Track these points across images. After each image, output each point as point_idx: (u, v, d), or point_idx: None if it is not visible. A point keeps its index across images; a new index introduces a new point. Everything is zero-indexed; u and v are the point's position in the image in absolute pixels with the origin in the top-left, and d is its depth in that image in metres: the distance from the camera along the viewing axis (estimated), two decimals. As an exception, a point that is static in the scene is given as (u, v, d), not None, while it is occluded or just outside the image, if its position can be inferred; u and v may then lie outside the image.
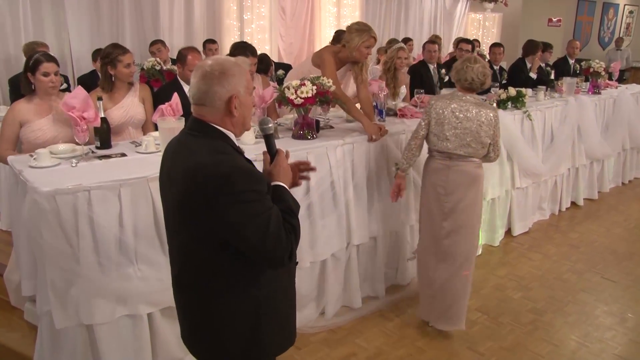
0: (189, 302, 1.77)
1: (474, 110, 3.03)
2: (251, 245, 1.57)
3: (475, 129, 3.02)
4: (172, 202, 1.67)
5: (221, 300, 1.68)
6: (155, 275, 2.59)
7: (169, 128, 2.87)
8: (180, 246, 1.72)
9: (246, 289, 1.68)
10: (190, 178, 1.55)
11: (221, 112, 1.62)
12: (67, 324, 2.46)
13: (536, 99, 5.14)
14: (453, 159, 3.07)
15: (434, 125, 3.08)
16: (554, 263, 4.36)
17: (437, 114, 3.07)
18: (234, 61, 1.65)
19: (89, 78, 4.98)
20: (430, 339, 3.28)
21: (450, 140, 3.04)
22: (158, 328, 2.72)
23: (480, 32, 10.73)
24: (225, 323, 1.71)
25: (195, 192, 1.54)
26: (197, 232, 1.61)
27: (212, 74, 1.59)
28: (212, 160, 1.55)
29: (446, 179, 3.08)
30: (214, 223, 1.56)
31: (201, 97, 1.61)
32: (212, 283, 1.67)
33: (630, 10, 13.63)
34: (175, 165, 1.64)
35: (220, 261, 1.64)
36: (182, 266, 1.74)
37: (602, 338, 3.33)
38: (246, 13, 7.14)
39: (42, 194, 2.32)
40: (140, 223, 2.54)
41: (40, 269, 2.49)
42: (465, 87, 3.07)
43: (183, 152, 1.63)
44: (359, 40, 3.47)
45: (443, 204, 3.11)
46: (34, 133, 3.13)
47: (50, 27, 5.61)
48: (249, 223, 1.54)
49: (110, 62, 3.40)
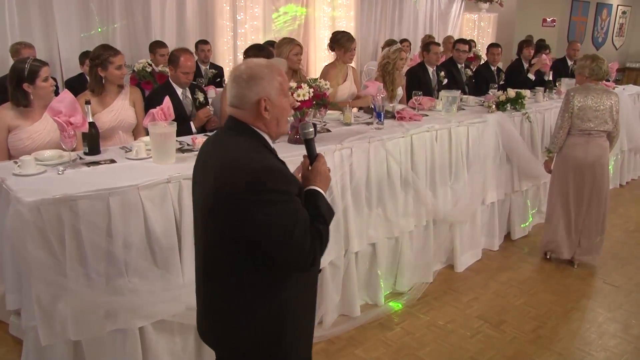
0: (213, 299, 1.73)
1: (604, 95, 4.00)
2: (274, 246, 1.57)
3: (609, 110, 3.98)
4: (202, 198, 1.68)
5: (248, 300, 1.66)
6: (147, 288, 2.49)
7: (161, 133, 2.77)
8: (208, 243, 1.69)
9: (273, 292, 1.67)
10: (222, 174, 1.57)
11: (253, 114, 1.65)
12: (54, 341, 2.35)
13: (535, 100, 5.07)
14: (592, 135, 4.00)
15: (577, 111, 3.96)
16: (555, 268, 4.28)
17: (580, 103, 3.96)
18: (265, 64, 1.67)
19: (76, 81, 4.85)
20: (431, 348, 3.19)
21: (592, 121, 3.96)
22: (150, 342, 2.61)
23: (475, 33, 10.67)
24: (253, 329, 1.69)
25: (225, 188, 1.55)
26: (226, 230, 1.60)
27: (241, 78, 1.64)
28: (245, 157, 1.58)
29: (586, 150, 4.00)
30: (241, 221, 1.55)
31: (233, 100, 1.67)
32: (238, 281, 1.65)
33: (624, 11, 13.64)
34: (209, 162, 1.67)
35: (247, 261, 1.62)
36: (208, 262, 1.72)
37: (607, 346, 3.25)
38: (239, 13, 7.02)
39: (25, 205, 2.20)
40: (130, 234, 2.43)
41: (25, 283, 2.38)
42: (598, 78, 4.02)
43: (218, 150, 1.68)
44: (287, 50, 4.00)
45: (584, 170, 4.02)
46: (22, 141, 3.00)
47: (38, 27, 5.44)
48: (274, 223, 1.54)
49: (100, 64, 3.29)
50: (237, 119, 1.68)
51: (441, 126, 3.86)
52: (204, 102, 3.94)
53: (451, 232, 4.06)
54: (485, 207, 4.41)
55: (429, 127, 3.76)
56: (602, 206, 4.11)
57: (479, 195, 4.18)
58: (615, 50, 13.59)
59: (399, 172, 3.55)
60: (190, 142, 3.10)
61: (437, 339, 3.28)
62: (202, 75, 5.72)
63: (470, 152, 4.10)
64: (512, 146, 4.44)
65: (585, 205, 4.10)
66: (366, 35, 8.77)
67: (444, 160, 3.91)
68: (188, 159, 2.87)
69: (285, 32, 7.33)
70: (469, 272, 4.16)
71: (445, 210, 3.90)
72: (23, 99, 2.96)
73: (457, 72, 5.83)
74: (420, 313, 3.56)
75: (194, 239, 1.84)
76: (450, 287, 3.91)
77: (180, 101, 3.75)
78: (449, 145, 3.93)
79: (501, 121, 4.33)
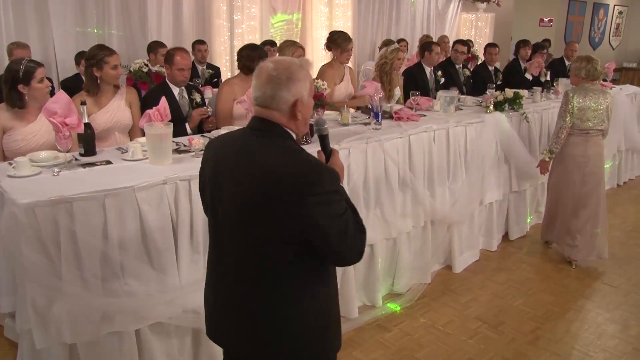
0: (253, 302, 1.68)
1: (601, 95, 4.10)
2: (332, 244, 1.58)
3: (605, 109, 4.08)
4: (239, 202, 1.62)
5: (299, 301, 1.67)
6: (143, 290, 2.47)
7: (157, 134, 2.75)
8: (248, 247, 1.65)
9: (320, 290, 1.70)
10: (271, 178, 1.54)
11: (287, 115, 1.63)
12: (49, 344, 2.32)
13: (533, 100, 5.06)
14: (590, 134, 4.08)
15: (577, 112, 4.03)
16: (553, 268, 4.27)
17: (579, 103, 4.04)
18: (299, 64, 1.65)
19: (72, 81, 4.82)
20: (429, 350, 3.18)
21: (591, 121, 4.05)
22: (147, 345, 2.59)
23: (472, 32, 10.66)
24: (299, 326, 1.69)
25: (278, 192, 1.53)
26: (277, 232, 1.58)
27: (279, 79, 1.59)
28: (295, 160, 1.58)
29: (585, 149, 4.09)
30: (298, 223, 1.54)
31: (267, 101, 1.62)
32: (290, 284, 1.65)
33: (620, 11, 13.66)
34: (241, 165, 1.62)
35: (299, 261, 1.63)
36: (247, 265, 1.67)
37: (606, 347, 3.24)
38: (236, 13, 6.98)
39: (20, 207, 2.17)
40: (126, 236, 2.41)
41: (20, 285, 2.35)
42: (594, 78, 4.11)
43: (252, 152, 1.62)
44: (289, 52, 4.08)
45: (584, 167, 4.11)
46: (17, 143, 2.98)
47: (33, 28, 5.40)
48: (332, 223, 1.56)
49: (96, 64, 3.26)
50: (269, 119, 1.63)
51: (439, 126, 3.84)
52: (201, 103, 3.92)
53: (449, 232, 4.04)
54: (484, 207, 4.40)
55: (427, 127, 3.75)
56: (600, 202, 4.20)
57: (477, 195, 4.17)
58: (612, 50, 13.62)
59: (397, 173, 3.54)
60: (187, 143, 3.08)
61: (436, 340, 3.26)
62: (199, 76, 5.71)
63: (468, 153, 4.09)
64: (510, 146, 4.43)
65: (583, 201, 4.17)
66: (363, 35, 8.74)
67: (441, 160, 3.89)
68: (184, 160, 2.85)
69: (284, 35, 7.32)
70: (467, 273, 4.15)
71: (443, 211, 3.89)
72: (18, 100, 2.93)
73: (455, 72, 5.82)
74: (419, 314, 3.54)
75: (214, 244, 1.78)
76: (449, 288, 3.90)
77: (176, 101, 3.73)
78: (447, 145, 3.92)
79: (499, 121, 4.31)
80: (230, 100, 3.87)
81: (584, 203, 4.17)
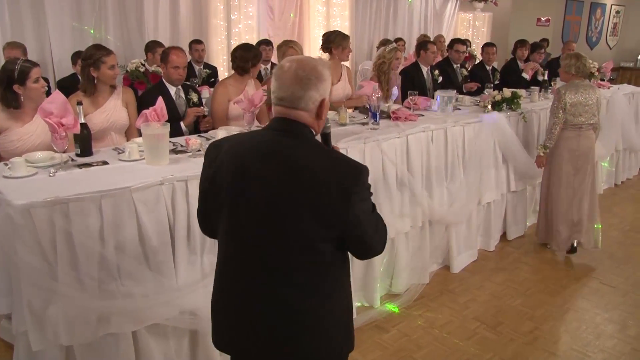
0: (287, 305, 1.64)
1: (591, 91, 4.22)
2: (367, 238, 1.63)
3: (596, 104, 4.22)
4: (271, 203, 1.59)
5: (331, 299, 1.68)
6: (140, 291, 2.45)
7: (153, 134, 2.73)
8: (286, 248, 1.61)
9: (346, 286, 1.75)
10: (315, 179, 1.56)
11: (313, 114, 1.64)
12: (45, 346, 2.30)
13: (530, 100, 5.06)
14: (582, 128, 4.22)
15: (569, 108, 4.14)
16: (551, 268, 4.27)
17: (571, 99, 4.14)
18: (323, 64, 1.65)
19: (69, 81, 4.80)
20: (428, 350, 3.17)
21: (583, 116, 4.17)
22: (144, 346, 2.57)
23: (470, 32, 10.67)
24: (330, 324, 1.69)
25: (322, 191, 1.54)
26: (317, 231, 1.58)
27: (309, 79, 1.59)
28: (336, 159, 1.62)
29: (578, 143, 4.22)
30: (340, 220, 1.57)
31: (295, 101, 1.61)
32: (326, 282, 1.66)
33: (617, 10, 13.67)
34: (276, 167, 1.59)
35: (334, 258, 1.65)
36: (286, 266, 1.62)
37: (604, 347, 3.24)
38: (233, 13, 6.96)
39: (15, 208, 2.15)
40: (123, 237, 2.39)
41: (16, 288, 2.32)
42: (584, 75, 4.25)
43: (287, 154, 1.60)
44: (280, 52, 4.26)
45: (576, 160, 4.24)
46: (13, 143, 2.96)
47: (30, 26, 5.37)
48: (368, 217, 1.62)
49: (93, 64, 3.24)
50: (295, 120, 1.62)
51: (437, 126, 3.84)
52: (198, 103, 3.90)
53: (447, 232, 4.04)
54: (482, 207, 4.40)
55: (425, 127, 3.74)
56: (593, 193, 4.38)
57: (475, 195, 4.16)
58: (609, 49, 13.63)
59: (395, 173, 3.52)
60: (183, 143, 3.06)
61: (434, 341, 3.25)
62: (196, 75, 5.68)
63: (466, 152, 4.08)
64: (508, 146, 4.43)
65: (577, 193, 4.30)
66: (361, 35, 8.73)
67: (439, 160, 3.88)
68: (181, 161, 2.83)
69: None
70: (465, 273, 4.15)
71: (441, 211, 3.88)
72: (13, 100, 2.91)
73: (453, 72, 5.81)
74: (417, 315, 3.53)
75: (234, 250, 1.69)
76: (447, 288, 3.89)
77: (173, 101, 3.72)
78: (445, 145, 3.91)
79: (497, 121, 4.31)
80: (225, 101, 3.86)
81: (579, 194, 4.29)
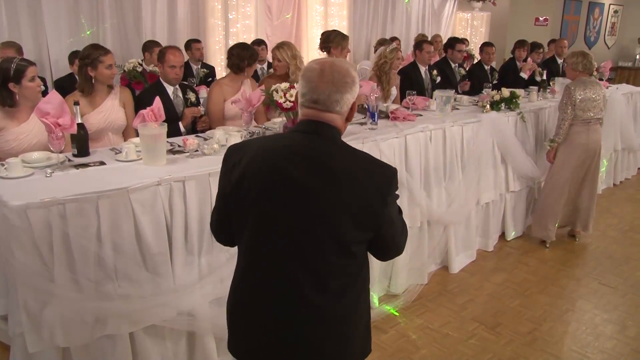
0: (319, 311, 1.60)
1: (597, 87, 4.39)
2: (396, 239, 1.68)
3: (603, 99, 4.40)
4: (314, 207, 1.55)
5: (360, 300, 1.70)
6: (137, 293, 2.44)
7: (151, 134, 2.72)
8: (326, 252, 1.57)
9: (368, 285, 1.75)
10: (355, 182, 1.56)
11: (343, 117, 1.65)
12: (41, 348, 2.29)
13: (529, 100, 5.05)
14: (590, 123, 4.37)
15: (579, 103, 4.28)
16: (550, 268, 4.26)
17: (581, 95, 4.28)
18: (350, 67, 1.64)
19: (66, 81, 4.78)
20: (426, 351, 3.16)
21: (592, 111, 4.33)
22: (141, 348, 2.56)
23: (468, 32, 10.66)
24: (354, 325, 1.69)
25: (362, 195, 1.56)
26: (355, 234, 1.58)
27: (345, 82, 1.59)
28: (370, 162, 1.64)
29: (587, 137, 4.38)
30: (376, 222, 1.59)
31: (331, 104, 1.60)
32: (356, 284, 1.67)
33: (615, 10, 13.68)
34: (306, 169, 1.56)
35: (364, 260, 1.67)
36: (322, 272, 1.59)
37: (604, 348, 3.23)
38: (231, 12, 6.95)
39: (12, 209, 2.14)
40: (120, 238, 2.37)
41: (12, 289, 2.31)
42: (590, 72, 4.40)
43: (326, 158, 1.59)
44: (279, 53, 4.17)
45: (586, 153, 4.42)
46: (9, 143, 2.94)
47: (27, 26, 5.35)
48: (398, 218, 1.67)
49: (90, 64, 3.23)
50: (326, 122, 1.60)
51: (435, 126, 3.82)
52: (196, 102, 3.89)
53: (446, 233, 4.03)
54: (480, 207, 4.39)
55: (423, 127, 3.72)
56: (595, 184, 4.66)
57: (473, 195, 4.15)
58: (607, 49, 13.63)
59: (394, 173, 3.51)
60: (181, 143, 3.05)
61: (432, 342, 3.24)
62: (194, 75, 5.67)
63: (464, 153, 4.07)
64: (507, 146, 4.42)
65: (581, 184, 4.56)
66: (358, 35, 8.72)
67: (438, 160, 3.87)
68: (179, 161, 2.82)
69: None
70: (463, 274, 4.14)
71: (439, 212, 3.87)
72: (9, 98, 2.89)
73: (451, 72, 5.80)
74: (415, 315, 3.52)
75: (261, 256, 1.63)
76: (445, 289, 3.88)
77: (170, 101, 3.70)
78: (443, 145, 3.90)
79: (495, 121, 4.30)
80: (220, 101, 3.85)
81: (583, 184, 4.54)
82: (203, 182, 2.61)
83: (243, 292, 1.69)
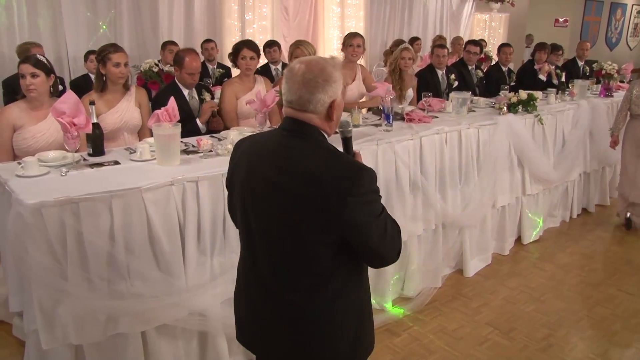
0: (293, 308, 1.67)
1: None
2: (371, 244, 1.59)
3: None
4: (273, 204, 1.61)
5: (336, 302, 1.66)
6: (149, 292, 2.45)
7: (165, 134, 2.73)
8: (285, 249, 1.63)
9: (355, 290, 1.71)
10: (313, 180, 1.54)
11: (323, 116, 1.63)
12: (55, 345, 2.32)
13: (547, 102, 4.98)
14: None
15: (635, 99, 4.77)
16: (566, 273, 4.19)
17: (637, 92, 4.76)
18: (333, 65, 1.63)
19: (81, 81, 4.83)
20: (439, 355, 3.13)
21: None
22: (153, 347, 2.58)
23: (486, 33, 10.56)
24: (336, 327, 1.68)
25: (319, 193, 1.53)
26: (314, 234, 1.58)
27: (316, 82, 1.58)
28: (336, 161, 1.58)
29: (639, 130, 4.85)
30: (337, 224, 1.54)
31: (304, 104, 1.60)
32: (329, 286, 1.64)
33: (639, 11, 13.45)
34: (278, 167, 1.61)
35: (337, 263, 1.63)
36: (285, 268, 1.65)
37: (622, 357, 3.17)
38: (247, 13, 6.98)
39: (26, 207, 2.17)
40: (133, 237, 2.39)
41: (27, 287, 2.34)
42: None
43: (289, 154, 1.61)
44: (289, 54, 4.23)
45: (637, 146, 4.84)
46: (26, 141, 2.98)
47: (46, 27, 5.44)
48: (372, 223, 1.57)
49: (101, 60, 3.26)
50: (304, 121, 1.61)
51: (451, 128, 3.79)
52: (212, 103, 3.90)
53: (460, 236, 3.99)
54: (496, 210, 4.33)
55: (439, 129, 3.69)
56: None
57: (489, 198, 4.10)
58: (629, 50, 13.43)
59: (408, 175, 3.49)
60: (195, 143, 3.06)
61: (446, 346, 3.21)
62: (210, 75, 5.69)
63: (480, 155, 4.03)
64: (524, 149, 4.36)
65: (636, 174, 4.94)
66: (375, 36, 8.70)
67: (453, 163, 3.83)
68: (192, 161, 2.83)
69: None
70: (478, 277, 4.09)
71: (454, 214, 3.83)
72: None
73: (468, 74, 5.74)
74: (428, 319, 3.49)
75: (246, 248, 1.74)
76: (459, 293, 3.84)
77: (186, 102, 3.71)
78: (459, 147, 3.86)
79: (512, 123, 4.25)
80: (233, 99, 3.86)
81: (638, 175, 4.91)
82: (216, 182, 2.61)
83: (238, 284, 1.84)
